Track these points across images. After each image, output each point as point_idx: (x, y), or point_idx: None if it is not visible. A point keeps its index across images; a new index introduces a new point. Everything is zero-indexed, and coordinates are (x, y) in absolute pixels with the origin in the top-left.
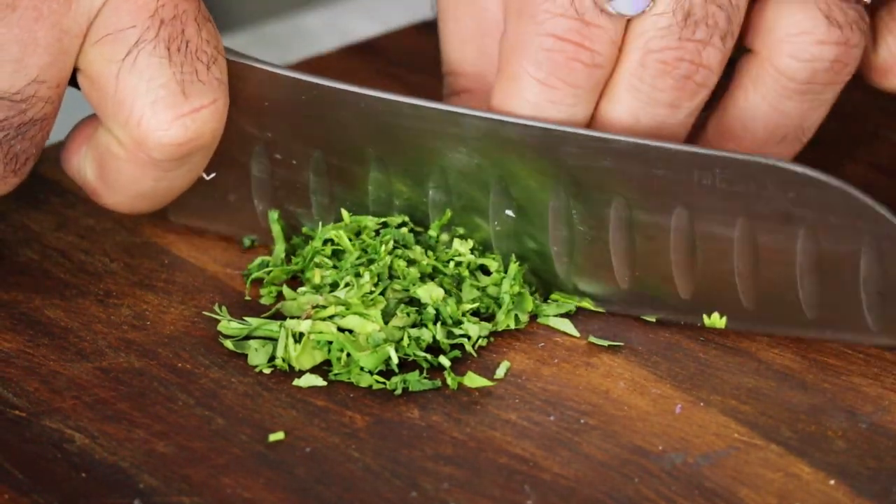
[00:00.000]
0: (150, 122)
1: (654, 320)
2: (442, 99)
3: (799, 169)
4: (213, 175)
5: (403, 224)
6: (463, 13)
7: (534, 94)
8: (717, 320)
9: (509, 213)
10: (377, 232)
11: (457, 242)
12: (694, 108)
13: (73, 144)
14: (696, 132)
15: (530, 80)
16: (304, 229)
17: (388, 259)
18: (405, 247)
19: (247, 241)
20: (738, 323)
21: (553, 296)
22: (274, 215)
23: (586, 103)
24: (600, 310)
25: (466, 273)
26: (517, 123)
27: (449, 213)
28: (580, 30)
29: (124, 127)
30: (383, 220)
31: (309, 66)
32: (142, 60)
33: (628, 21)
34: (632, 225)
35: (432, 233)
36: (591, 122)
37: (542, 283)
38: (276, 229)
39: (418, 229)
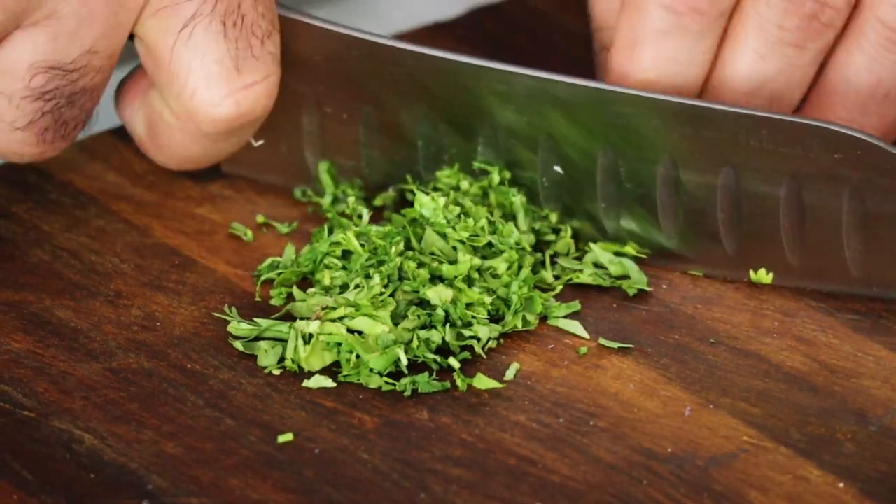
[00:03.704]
0: (203, 97)
1: (700, 274)
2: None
3: (844, 130)
4: (261, 142)
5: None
6: None
7: (660, 21)
8: (763, 276)
9: (557, 168)
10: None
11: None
12: (819, 50)
13: (128, 95)
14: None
15: (656, 6)
16: (314, 232)
17: (398, 261)
18: (412, 249)
19: (298, 192)
20: (784, 279)
21: (599, 244)
22: (324, 166)
23: (712, 32)
24: (644, 254)
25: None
26: (566, 82)
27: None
28: None
29: (177, 98)
30: (387, 228)
31: None
32: (197, 35)
33: None
34: (679, 183)
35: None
36: (715, 64)
37: (589, 236)
38: (327, 180)
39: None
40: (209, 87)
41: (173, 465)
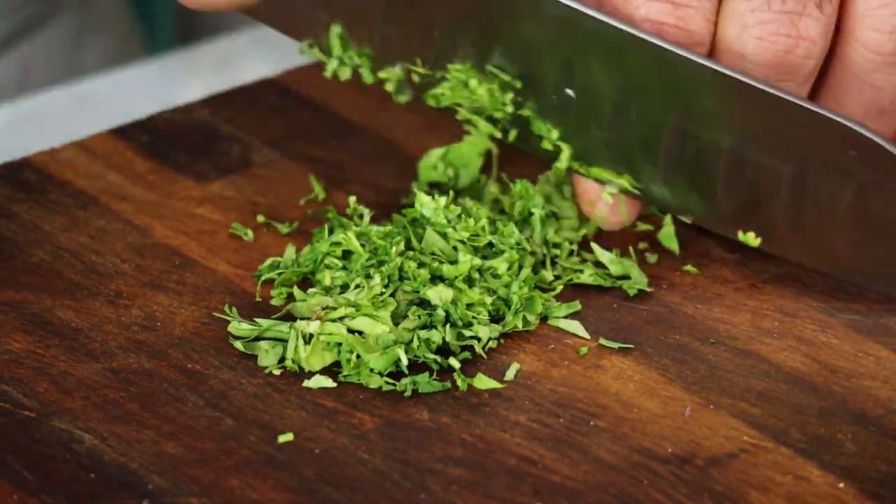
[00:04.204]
0: None
1: (689, 222)
2: None
3: (865, 132)
4: None
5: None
6: None
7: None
8: (751, 239)
9: (569, 92)
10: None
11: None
12: (803, 82)
13: None
14: None
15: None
16: (315, 232)
17: (398, 261)
18: (412, 249)
19: (304, 47)
20: (772, 246)
21: (595, 169)
22: (336, 30)
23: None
24: (637, 191)
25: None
26: (595, 18)
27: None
28: (673, 12)
29: None
30: (388, 228)
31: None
32: None
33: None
34: (686, 136)
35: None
36: None
37: (586, 159)
38: (336, 43)
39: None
40: None
41: (173, 465)
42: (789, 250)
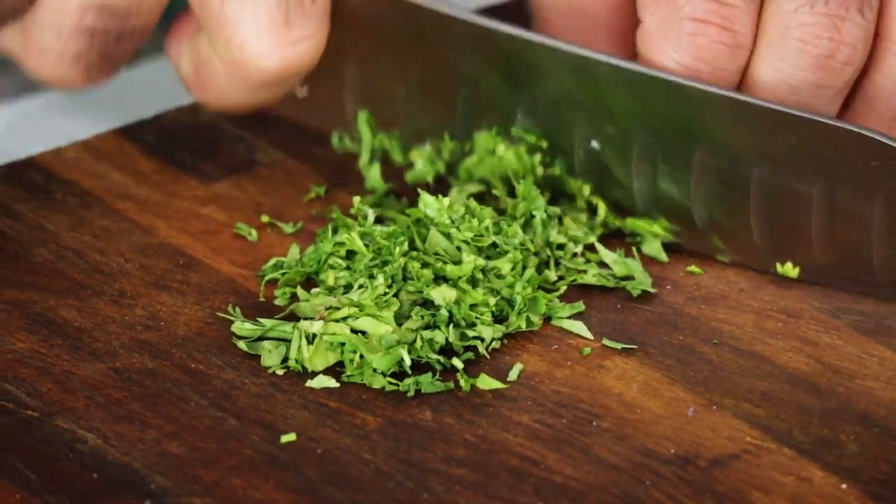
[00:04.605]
0: (252, 48)
1: (727, 261)
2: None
3: (884, 139)
4: (305, 93)
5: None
6: (563, 22)
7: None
8: (789, 270)
9: (594, 144)
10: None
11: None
12: (841, 88)
13: (176, 35)
14: None
15: (675, 65)
16: (318, 232)
17: (402, 261)
18: (416, 249)
19: (335, 139)
20: (811, 275)
21: (629, 220)
22: (363, 116)
23: (730, 85)
24: (672, 238)
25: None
26: (609, 63)
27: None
28: (719, 11)
29: (225, 46)
30: (392, 229)
31: None
32: None
33: (764, 1)
34: (713, 171)
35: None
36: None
37: (622, 209)
38: (365, 130)
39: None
40: (258, 38)
41: (176, 464)
42: (828, 276)
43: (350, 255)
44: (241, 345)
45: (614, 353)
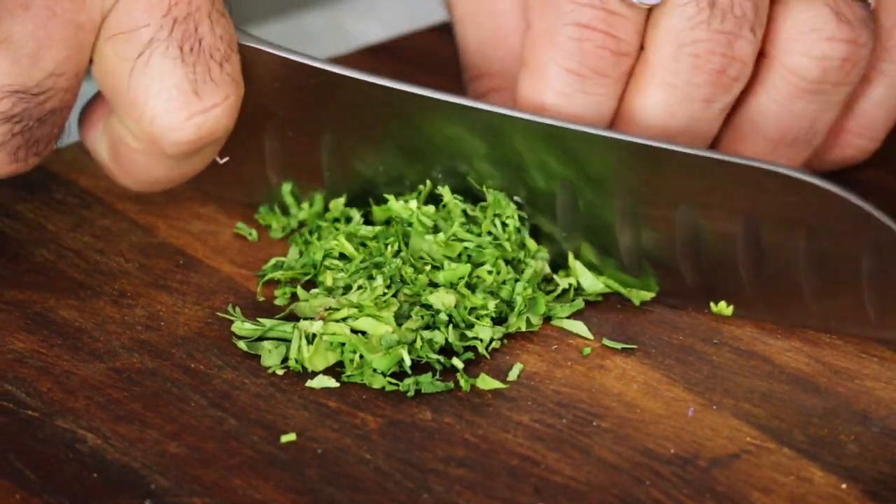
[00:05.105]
0: (163, 122)
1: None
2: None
3: (797, 175)
4: (226, 159)
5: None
6: (482, 19)
7: (562, 84)
8: (723, 308)
9: (517, 199)
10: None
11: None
12: (728, 103)
13: (90, 120)
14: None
15: (558, 69)
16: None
17: (397, 262)
18: (401, 250)
19: (263, 211)
20: (745, 311)
21: (571, 263)
22: (287, 187)
23: (614, 92)
24: (608, 283)
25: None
26: (521, 118)
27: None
28: (605, 18)
29: (137, 124)
30: (378, 229)
31: None
32: (154, 61)
33: (652, 12)
34: (637, 216)
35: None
36: (623, 115)
37: (557, 255)
38: (290, 201)
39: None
40: (168, 112)
41: (176, 464)
42: (761, 311)
43: (343, 256)
44: (241, 345)
45: (614, 352)
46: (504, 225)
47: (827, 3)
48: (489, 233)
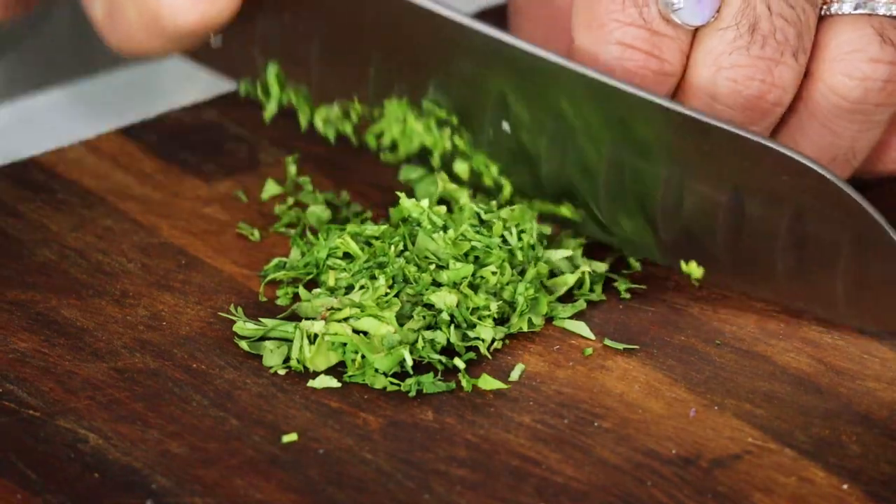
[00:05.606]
0: (171, 3)
1: (634, 257)
2: None
3: (796, 156)
4: (219, 44)
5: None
6: (536, 12)
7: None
8: (694, 269)
9: (505, 125)
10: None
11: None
12: (768, 126)
13: None
14: None
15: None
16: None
17: (398, 261)
18: (406, 249)
19: (242, 87)
20: (715, 276)
21: (537, 203)
22: (273, 70)
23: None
24: (577, 217)
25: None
26: (523, 49)
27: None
28: (649, 38)
29: (144, 1)
30: (383, 228)
31: None
32: None
33: (697, 33)
34: (623, 167)
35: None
36: None
37: (527, 193)
38: (273, 83)
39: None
40: None
41: (178, 464)
42: (732, 278)
43: (347, 255)
44: (243, 345)
45: (616, 353)
46: (521, 234)
47: (872, 24)
48: (501, 236)
